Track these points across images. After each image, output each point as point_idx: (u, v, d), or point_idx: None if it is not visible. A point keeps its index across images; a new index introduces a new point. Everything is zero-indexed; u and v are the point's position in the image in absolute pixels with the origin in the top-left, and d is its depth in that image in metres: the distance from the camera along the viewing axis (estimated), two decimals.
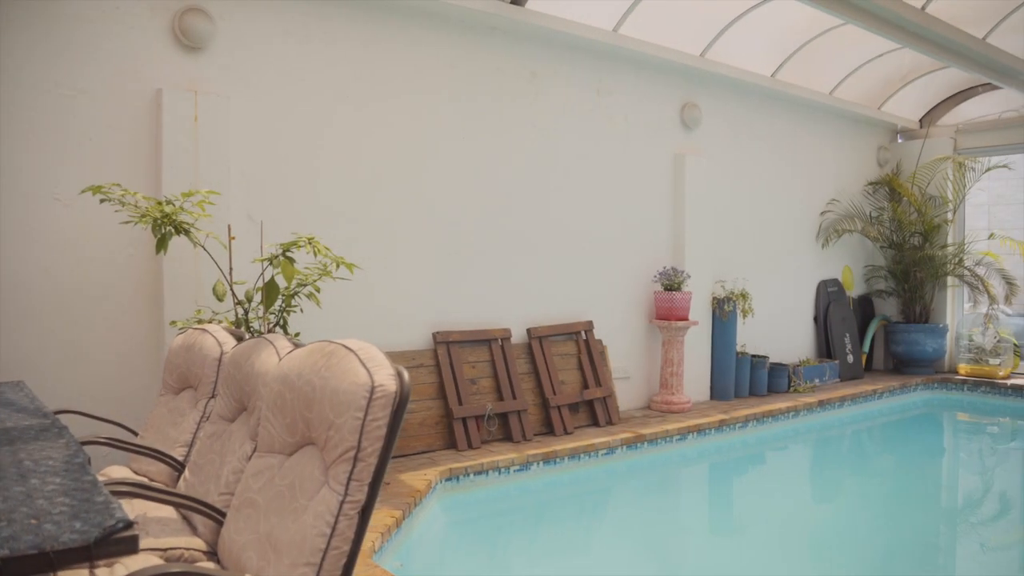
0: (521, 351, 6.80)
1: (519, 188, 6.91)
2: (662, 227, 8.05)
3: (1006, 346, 10.19)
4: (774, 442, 7.89)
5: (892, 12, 6.68)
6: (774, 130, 9.37)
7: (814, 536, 5.66)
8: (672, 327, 7.52)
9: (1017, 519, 6.34)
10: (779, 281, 9.47)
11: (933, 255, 10.31)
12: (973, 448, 9.03)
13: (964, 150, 10.77)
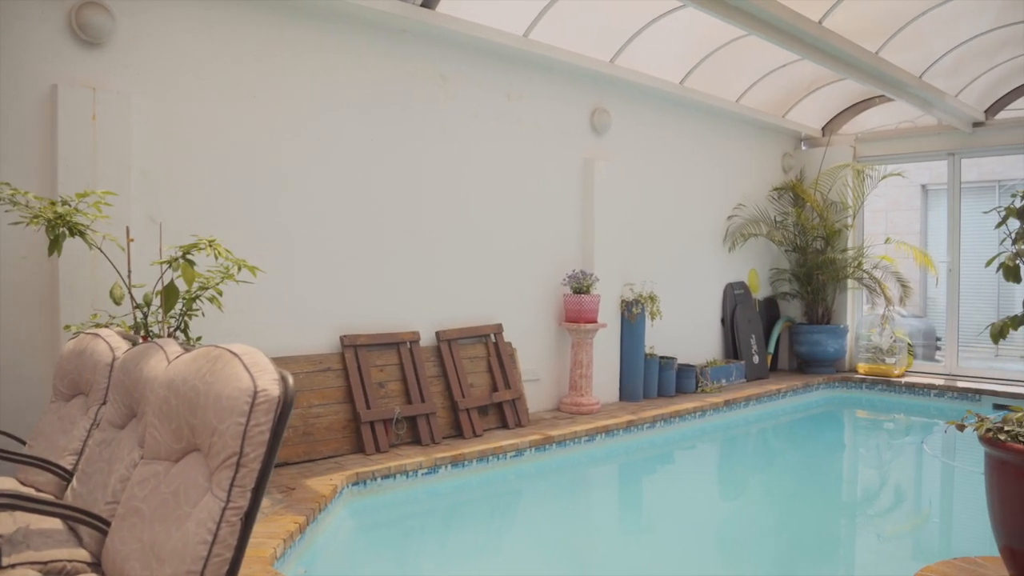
0: (430, 354, 6.81)
1: (428, 191, 6.93)
2: (571, 230, 8.15)
3: (901, 346, 10.60)
4: (682, 442, 8.06)
5: (791, 25, 6.89)
6: (682, 136, 9.58)
7: (722, 533, 5.81)
8: (581, 329, 7.62)
9: (910, 510, 6.65)
10: (687, 284, 9.68)
11: (834, 259, 10.68)
12: (871, 444, 9.37)
13: (863, 158, 11.18)
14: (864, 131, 11.25)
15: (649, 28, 7.79)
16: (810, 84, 10.24)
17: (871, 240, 11.45)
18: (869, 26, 7.92)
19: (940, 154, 10.89)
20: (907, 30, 8.11)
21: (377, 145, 6.55)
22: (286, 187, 6.01)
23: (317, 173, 6.18)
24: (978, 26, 8.54)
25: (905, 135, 10.95)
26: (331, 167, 6.26)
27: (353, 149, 6.40)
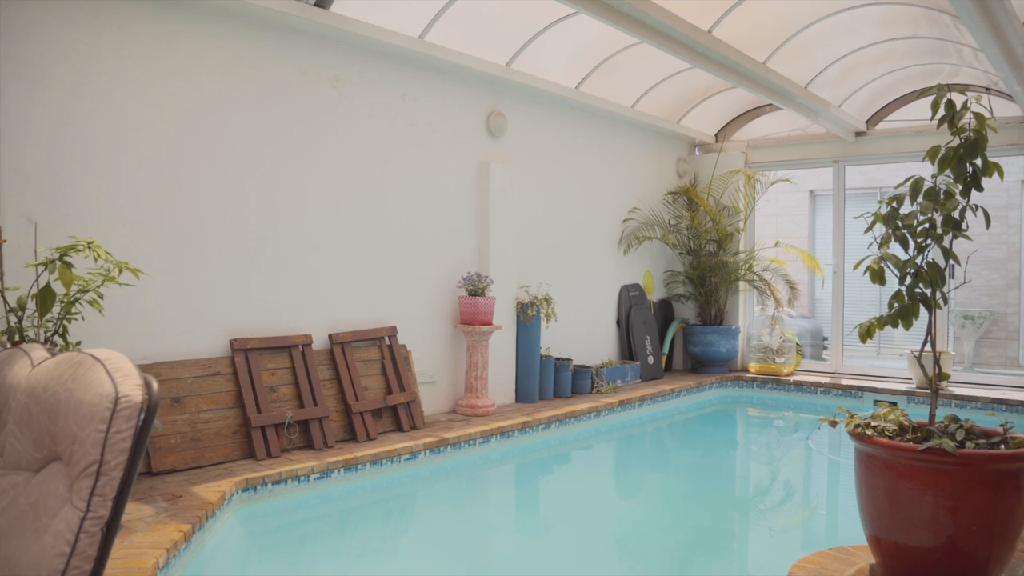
0: (323, 357, 6.74)
1: (322, 192, 6.84)
2: (467, 233, 8.18)
3: (790, 346, 10.96)
4: (577, 442, 8.15)
5: (682, 33, 7.05)
6: (579, 140, 9.71)
7: (618, 531, 5.89)
8: (476, 332, 7.65)
9: (800, 503, 6.87)
10: (583, 286, 9.81)
11: (726, 261, 10.97)
12: (762, 441, 9.65)
13: (754, 164, 11.53)
14: (755, 138, 11.61)
15: (545, 33, 7.87)
16: (704, 91, 10.50)
17: (762, 243, 11.81)
18: (757, 37, 8.17)
19: (826, 161, 11.32)
20: (793, 42, 8.39)
21: (268, 145, 6.44)
22: (174, 187, 5.85)
23: (207, 173, 6.04)
24: (859, 40, 8.90)
25: (793, 142, 11.35)
26: (221, 167, 6.13)
27: (244, 149, 6.27)
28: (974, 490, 3.28)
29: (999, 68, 7.60)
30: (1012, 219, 13.72)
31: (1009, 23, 6.56)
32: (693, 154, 11.91)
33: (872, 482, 3.50)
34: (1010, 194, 13.74)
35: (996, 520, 3.30)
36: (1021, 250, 13.71)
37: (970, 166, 3.47)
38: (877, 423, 3.53)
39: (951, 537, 3.30)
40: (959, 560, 3.35)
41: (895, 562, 3.49)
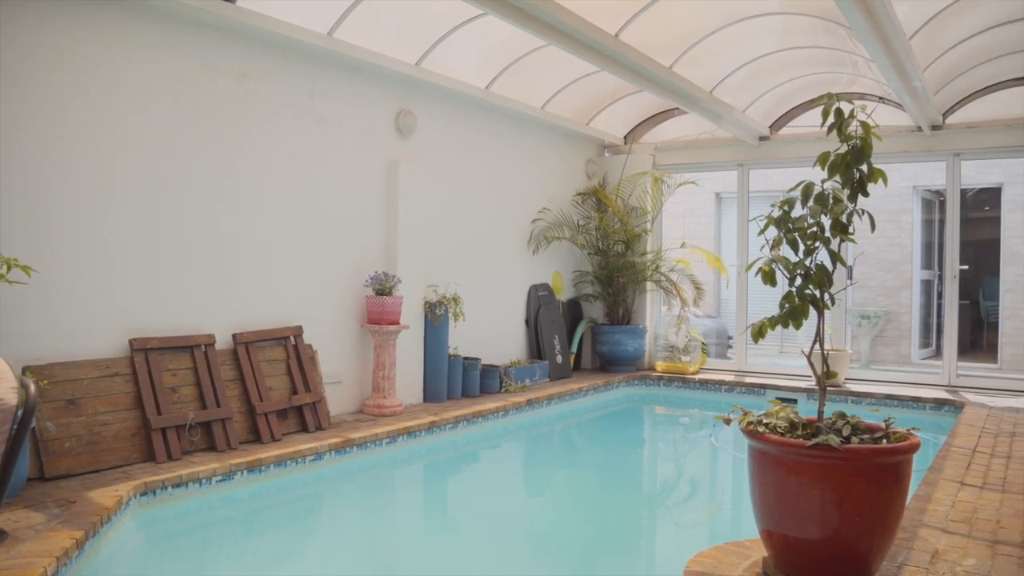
0: (227, 357, 6.61)
1: (226, 188, 6.72)
2: (375, 232, 8.12)
3: (695, 345, 11.20)
4: (485, 441, 8.18)
5: (589, 37, 7.15)
6: (489, 140, 9.74)
7: (527, 529, 5.93)
8: (383, 331, 7.61)
9: (706, 498, 7.04)
10: (492, 285, 9.85)
11: (634, 262, 11.15)
12: (668, 438, 9.85)
13: (662, 166, 11.74)
14: (663, 140, 11.82)
15: (456, 33, 7.87)
16: (613, 94, 10.64)
17: (669, 244, 12.05)
18: (664, 42, 8.33)
19: (730, 164, 11.61)
20: (699, 47, 8.58)
21: (170, 140, 6.28)
22: (72, 182, 5.65)
23: (106, 167, 5.86)
24: (762, 48, 9.14)
25: (700, 146, 11.59)
26: (122, 161, 5.95)
27: (145, 143, 6.10)
28: (858, 483, 3.41)
29: (889, 79, 7.91)
30: (905, 223, 14.29)
31: (896, 37, 6.84)
32: (602, 155, 12.06)
33: (764, 477, 3.60)
34: (903, 199, 14.30)
35: (878, 511, 3.43)
36: (912, 253, 14.28)
37: (857, 172, 3.59)
38: (769, 420, 3.64)
39: (836, 529, 3.42)
40: (844, 550, 3.48)
41: (785, 554, 3.60)
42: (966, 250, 15.27)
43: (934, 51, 8.30)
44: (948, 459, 6.36)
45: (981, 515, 4.89)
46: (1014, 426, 7.78)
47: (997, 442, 7.03)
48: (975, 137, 10.12)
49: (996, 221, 14.08)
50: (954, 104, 10.10)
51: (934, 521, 4.73)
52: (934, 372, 10.86)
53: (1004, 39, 8.45)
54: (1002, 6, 7.66)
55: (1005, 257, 13.81)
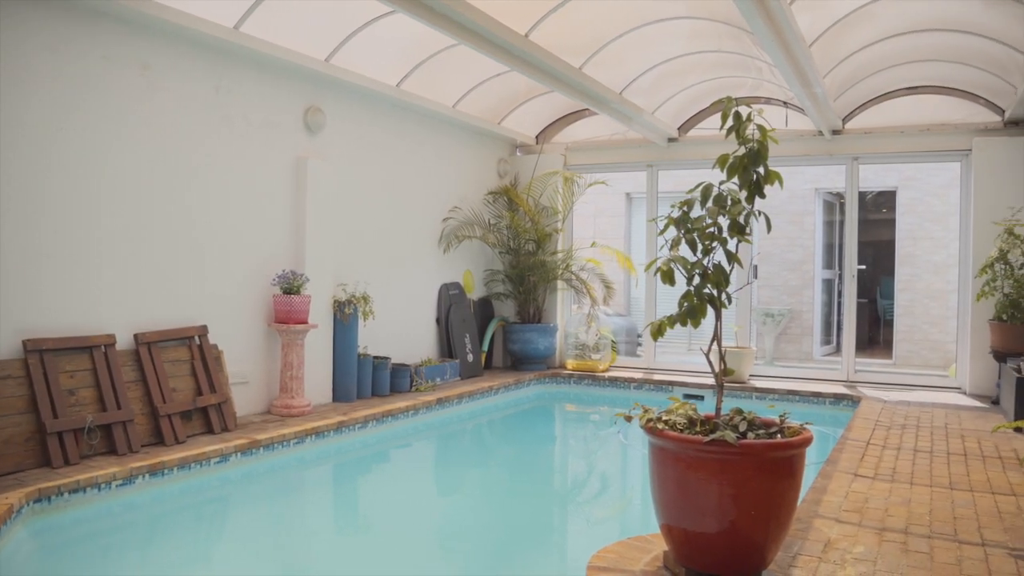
0: (128, 358, 6.43)
1: (129, 185, 6.53)
2: (283, 230, 8.00)
3: (605, 343, 11.34)
4: (395, 441, 8.14)
5: (498, 37, 7.17)
6: (400, 138, 9.69)
7: (437, 528, 5.93)
8: (291, 330, 7.51)
9: (613, 494, 7.13)
10: (403, 284, 9.80)
11: (545, 261, 11.23)
12: (579, 435, 9.96)
13: (573, 166, 11.86)
14: (575, 141, 11.94)
15: (367, 30, 7.80)
16: (526, 94, 10.69)
17: (580, 243, 12.18)
18: (574, 43, 8.41)
19: (640, 165, 11.80)
20: (608, 49, 8.69)
21: (66, 133, 6.07)
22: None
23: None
24: (670, 51, 9.31)
25: (610, 146, 11.74)
26: (9, 154, 5.72)
27: (37, 136, 5.88)
28: (753, 477, 3.51)
29: (791, 84, 8.15)
30: (807, 224, 14.73)
31: (797, 44, 7.05)
32: (514, 155, 12.12)
33: (663, 473, 3.68)
34: (805, 201, 14.74)
35: (773, 504, 3.54)
36: (814, 253, 14.74)
37: (754, 174, 3.69)
38: (668, 417, 3.72)
39: (733, 522, 3.51)
40: (741, 543, 3.57)
41: (685, 548, 3.68)
42: (865, 251, 15.85)
43: (833, 59, 8.59)
44: (844, 452, 6.58)
45: (871, 504, 5.08)
46: (905, 419, 8.11)
47: (889, 434, 7.32)
48: (872, 142, 10.50)
49: (892, 223, 14.65)
50: (853, 110, 10.47)
51: (828, 512, 4.89)
52: (834, 368, 11.23)
53: (897, 50, 8.79)
54: (893, 20, 7.97)
55: (900, 258, 14.40)
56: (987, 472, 6.02)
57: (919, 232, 14.28)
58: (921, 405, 9.02)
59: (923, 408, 8.82)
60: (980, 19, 7.72)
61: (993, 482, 5.73)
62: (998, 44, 8.04)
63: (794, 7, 6.77)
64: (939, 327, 13.91)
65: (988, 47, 8.24)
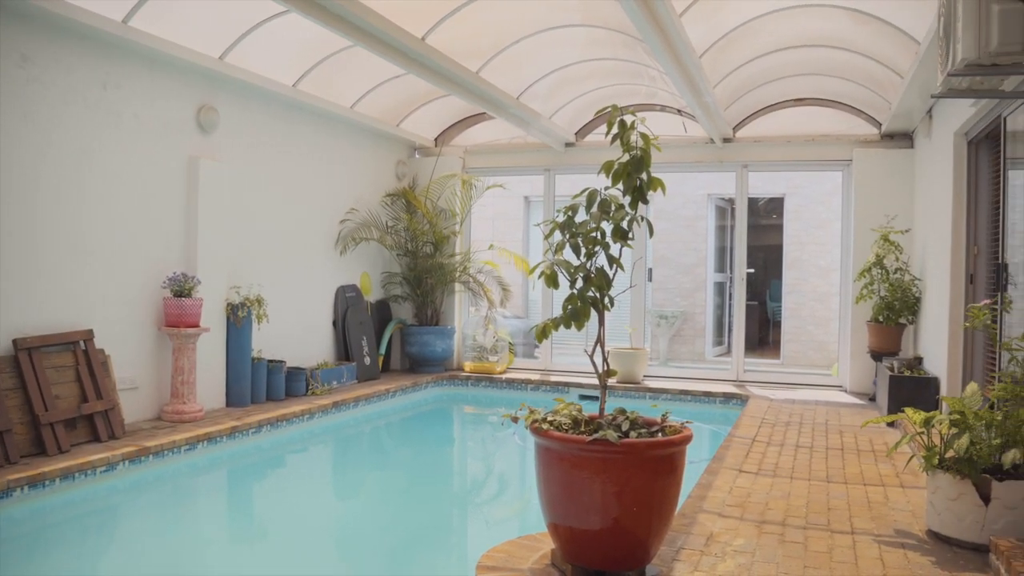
0: (6, 365, 6.17)
1: (7, 182, 6.27)
2: (174, 231, 7.81)
3: (503, 345, 11.44)
4: (291, 446, 8.06)
5: (394, 39, 7.17)
6: (297, 139, 9.58)
7: (334, 533, 5.89)
8: (182, 334, 7.35)
9: (514, 495, 7.20)
10: (299, 286, 9.69)
11: (443, 263, 11.27)
12: (476, 437, 10.02)
13: (471, 169, 11.93)
14: (474, 144, 12.00)
15: (262, 28, 7.67)
16: (425, 96, 10.69)
17: (478, 246, 12.25)
18: (472, 47, 8.46)
19: (538, 169, 11.93)
20: (506, 54, 8.77)
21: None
22: None
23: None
24: (567, 58, 9.46)
25: (508, 150, 11.85)
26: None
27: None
28: (635, 475, 3.62)
29: (683, 93, 8.39)
30: (700, 228, 15.14)
31: (687, 54, 7.27)
32: (413, 157, 12.11)
33: (549, 473, 3.76)
34: (698, 206, 15.16)
35: (654, 500, 3.66)
36: (707, 256, 15.16)
37: (638, 180, 3.81)
38: (553, 418, 3.80)
39: (616, 519, 3.62)
40: (624, 539, 3.68)
41: (571, 545, 3.77)
42: (756, 254, 16.39)
43: (724, 70, 8.86)
44: (730, 449, 6.82)
45: (753, 499, 5.29)
46: (790, 416, 8.43)
47: (774, 431, 7.60)
48: (761, 151, 10.89)
49: (781, 228, 15.20)
50: (744, 119, 10.82)
51: (712, 507, 5.07)
52: (725, 368, 11.58)
53: (784, 63, 9.14)
54: (778, 35, 8.28)
55: (787, 262, 14.95)
56: (861, 465, 6.33)
57: (805, 237, 14.85)
58: (805, 403, 9.39)
59: (807, 406, 9.19)
60: (853, 36, 8.09)
61: (865, 474, 6.03)
62: (873, 62, 8.45)
63: (684, 19, 6.97)
64: (824, 328, 14.50)
65: (866, 64, 8.65)
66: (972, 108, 6.66)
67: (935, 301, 8.26)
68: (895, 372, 8.04)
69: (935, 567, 4.07)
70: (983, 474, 4.28)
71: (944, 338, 7.63)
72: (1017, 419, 4.32)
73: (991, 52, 4.09)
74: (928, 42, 6.31)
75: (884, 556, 4.22)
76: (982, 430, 4.41)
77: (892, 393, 7.82)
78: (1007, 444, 4.27)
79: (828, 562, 4.11)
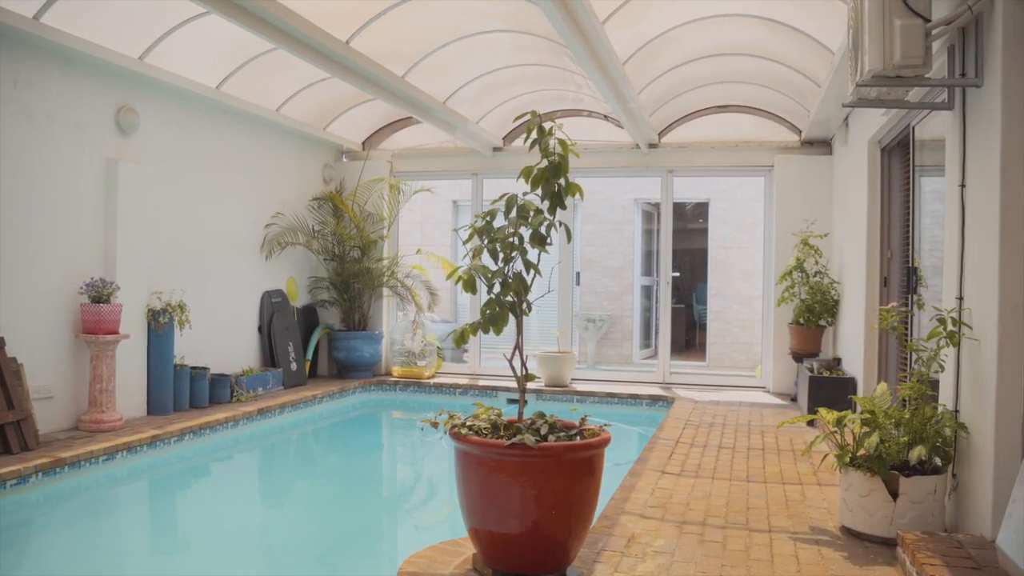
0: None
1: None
2: (92, 235, 7.62)
3: (431, 349, 11.42)
4: (215, 454, 7.93)
5: (318, 42, 7.12)
6: (221, 141, 9.43)
7: (259, 542, 5.81)
8: (101, 341, 7.18)
9: (443, 500, 7.16)
10: (223, 292, 9.53)
11: (370, 268, 11.20)
12: (406, 442, 9.98)
13: (399, 173, 11.89)
14: (401, 148, 11.96)
15: (184, 28, 7.53)
16: (352, 99, 10.61)
17: (407, 250, 12.22)
18: (398, 51, 8.44)
19: (466, 174, 11.95)
20: (432, 58, 8.76)
21: None
22: None
23: None
24: (494, 63, 9.49)
25: (436, 154, 11.85)
26: None
27: None
28: (554, 478, 3.65)
29: (608, 99, 8.49)
30: (627, 233, 15.33)
31: (611, 61, 7.36)
32: (340, 161, 12.02)
33: (468, 477, 3.77)
34: (625, 210, 15.34)
35: (573, 503, 3.70)
36: (634, 260, 15.35)
37: (556, 186, 3.84)
38: (472, 423, 3.82)
39: (536, 522, 3.64)
40: (544, 542, 3.71)
41: (492, 550, 3.79)
42: (683, 258, 16.67)
43: (648, 76, 8.99)
44: (654, 450, 6.91)
45: (675, 499, 5.38)
46: (713, 417, 8.59)
47: (698, 432, 7.73)
48: (686, 156, 11.07)
49: (706, 232, 15.46)
50: (668, 125, 10.99)
51: (634, 508, 5.14)
52: (651, 371, 11.74)
53: (706, 71, 9.31)
54: (699, 43, 8.43)
55: (712, 265, 15.22)
56: (780, 464, 6.48)
57: (729, 241, 15.13)
58: (729, 404, 9.57)
59: (730, 407, 9.36)
60: (771, 46, 8.29)
61: (785, 473, 6.17)
62: (793, 71, 8.66)
63: (608, 26, 7.06)
64: (748, 330, 14.79)
65: (786, 73, 8.86)
66: (884, 117, 6.88)
67: (852, 303, 8.50)
68: (815, 373, 8.25)
69: (847, 562, 4.18)
70: (892, 471, 4.42)
71: (860, 339, 7.86)
72: (923, 417, 4.47)
73: (895, 64, 4.22)
74: (841, 53, 6.49)
75: (799, 553, 4.33)
76: (891, 428, 4.55)
77: (812, 393, 8.01)
78: (914, 441, 4.42)
79: (745, 560, 4.20)
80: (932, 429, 4.44)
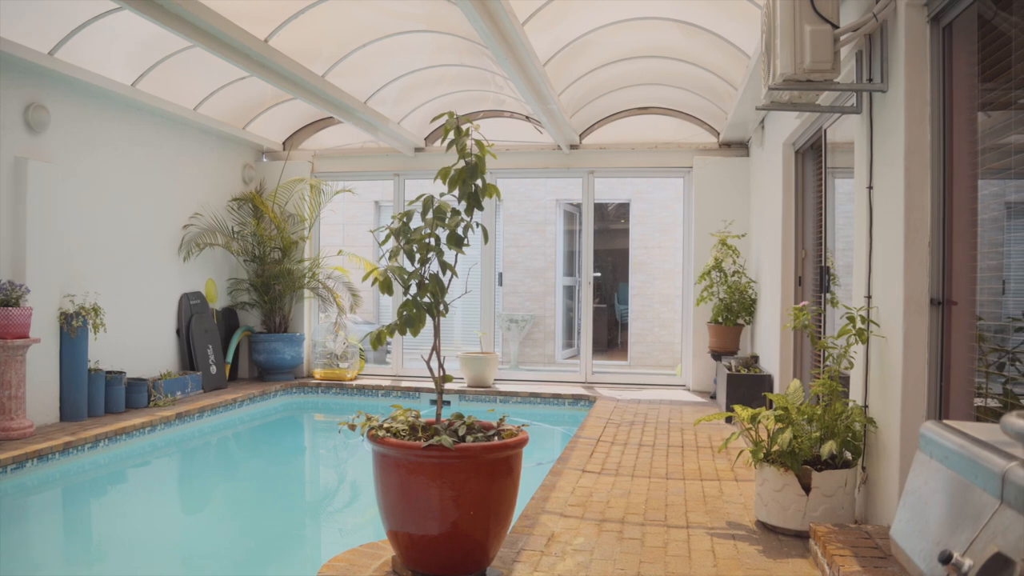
0: None
1: None
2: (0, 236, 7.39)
3: (353, 351, 11.34)
4: (131, 460, 7.73)
5: (236, 40, 7.01)
6: (137, 140, 9.20)
7: (178, 549, 5.69)
8: (9, 346, 6.94)
9: (367, 503, 7.09)
10: (140, 294, 9.30)
11: (291, 269, 11.06)
12: (329, 445, 9.85)
13: (320, 174, 11.77)
14: (322, 148, 11.84)
15: (97, 24, 7.33)
16: (272, 99, 10.47)
17: (328, 251, 12.10)
18: (318, 51, 8.36)
19: (388, 174, 11.89)
20: (353, 59, 8.71)
21: None
22: None
23: None
24: (415, 63, 9.47)
25: (358, 155, 11.76)
26: None
27: None
28: (472, 479, 3.66)
29: (528, 100, 8.54)
30: (549, 233, 15.43)
31: (531, 62, 7.41)
32: (260, 161, 11.84)
33: (386, 480, 3.76)
34: (547, 211, 15.44)
35: (492, 503, 3.72)
36: (556, 261, 15.46)
37: (473, 187, 3.86)
38: (390, 424, 3.81)
39: (455, 523, 3.66)
40: (463, 543, 3.72)
41: (411, 552, 3.78)
42: (606, 258, 16.85)
43: (568, 78, 9.07)
44: (575, 449, 6.97)
45: (595, 498, 5.44)
46: (634, 416, 8.70)
47: (619, 431, 7.83)
48: (606, 157, 11.19)
49: (628, 233, 15.65)
50: (590, 126, 11.10)
51: (555, 507, 5.18)
52: (574, 370, 11.84)
53: (626, 73, 9.44)
54: (617, 45, 8.54)
55: (633, 265, 15.42)
56: (699, 461, 6.60)
57: (650, 241, 15.35)
58: (650, 402, 9.70)
59: (651, 405, 9.50)
60: (688, 49, 8.45)
61: (703, 470, 6.29)
62: (711, 74, 8.83)
63: (528, 28, 7.11)
64: (669, 329, 15.02)
65: (704, 76, 9.03)
66: (798, 120, 7.07)
67: (768, 302, 8.71)
68: (732, 371, 8.43)
69: (761, 555, 4.29)
70: (804, 465, 4.54)
71: (776, 337, 8.06)
72: (834, 412, 4.61)
73: (805, 68, 4.35)
74: (756, 57, 6.65)
75: (716, 548, 4.43)
76: (804, 424, 4.69)
77: (730, 391, 8.19)
78: (825, 436, 4.55)
79: (663, 556, 4.28)
80: (843, 424, 4.59)
